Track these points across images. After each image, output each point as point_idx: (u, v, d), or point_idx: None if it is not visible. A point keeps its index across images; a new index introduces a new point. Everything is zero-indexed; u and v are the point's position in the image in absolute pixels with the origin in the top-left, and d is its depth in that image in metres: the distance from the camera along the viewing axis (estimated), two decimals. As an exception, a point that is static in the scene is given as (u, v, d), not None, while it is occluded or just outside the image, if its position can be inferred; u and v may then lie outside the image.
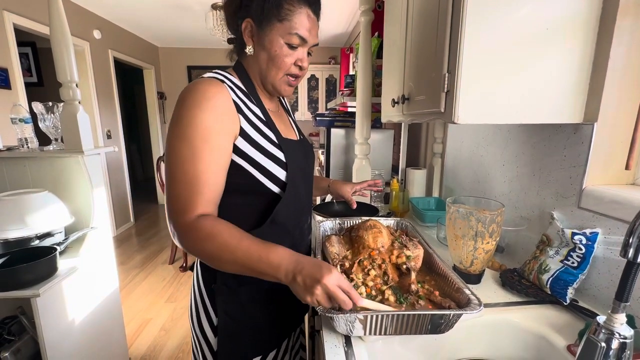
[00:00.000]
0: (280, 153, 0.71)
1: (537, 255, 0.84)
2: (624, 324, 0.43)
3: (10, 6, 2.55)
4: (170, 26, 4.08)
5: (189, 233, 0.61)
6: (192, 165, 0.61)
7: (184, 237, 0.61)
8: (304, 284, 0.56)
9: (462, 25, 0.65)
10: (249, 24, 0.69)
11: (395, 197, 1.46)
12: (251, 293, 0.74)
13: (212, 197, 0.64)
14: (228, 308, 0.74)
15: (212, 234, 0.59)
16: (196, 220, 0.61)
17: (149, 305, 2.50)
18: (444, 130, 1.55)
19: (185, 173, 0.61)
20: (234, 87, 0.68)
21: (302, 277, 0.56)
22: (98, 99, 3.70)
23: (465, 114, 0.69)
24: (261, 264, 0.59)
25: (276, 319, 0.79)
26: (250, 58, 0.72)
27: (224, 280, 0.73)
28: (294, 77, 0.73)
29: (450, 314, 0.58)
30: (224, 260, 0.60)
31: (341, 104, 1.96)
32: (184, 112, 0.62)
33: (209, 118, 0.61)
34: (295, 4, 0.66)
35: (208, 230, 0.60)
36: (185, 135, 0.61)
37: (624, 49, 0.68)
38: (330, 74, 5.02)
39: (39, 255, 1.16)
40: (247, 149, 0.67)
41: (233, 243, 0.59)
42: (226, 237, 0.60)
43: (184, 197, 0.61)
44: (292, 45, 0.68)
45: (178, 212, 0.61)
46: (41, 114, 1.39)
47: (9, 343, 1.26)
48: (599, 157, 0.76)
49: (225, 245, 0.59)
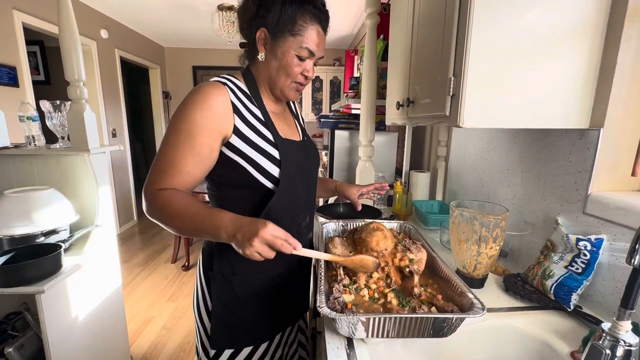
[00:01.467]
0: (275, 151, 0.75)
1: (541, 260, 0.83)
2: (629, 331, 0.43)
3: (20, 5, 2.58)
4: (176, 26, 4.11)
5: (150, 200, 0.68)
6: (172, 153, 0.69)
7: (147, 203, 0.69)
8: (242, 238, 0.61)
9: (469, 29, 0.65)
10: (264, 33, 0.74)
11: (399, 199, 1.45)
12: (244, 284, 0.79)
13: (181, 183, 0.70)
14: (222, 296, 0.79)
15: (168, 202, 0.67)
16: (159, 190, 0.69)
17: (151, 303, 2.51)
18: (448, 133, 1.55)
19: (165, 156, 0.69)
20: (236, 89, 0.75)
21: (242, 234, 0.61)
22: (104, 97, 3.73)
23: (471, 117, 0.69)
24: (205, 225, 0.65)
25: (269, 313, 0.83)
26: (261, 64, 0.78)
27: (220, 268, 0.79)
28: (300, 84, 0.80)
29: (453, 317, 0.58)
30: (174, 225, 0.67)
31: (345, 106, 1.97)
32: (181, 108, 0.70)
33: (199, 116, 0.69)
34: (308, 21, 0.73)
35: (165, 199, 0.67)
36: (175, 127, 0.69)
37: (632, 55, 0.67)
38: (334, 75, 5.03)
39: (44, 252, 1.17)
40: (241, 146, 0.73)
41: (183, 209, 0.66)
42: (179, 204, 0.66)
43: (157, 173, 0.70)
44: (301, 57, 0.75)
45: (148, 182, 0.70)
46: (49, 112, 1.40)
47: (13, 339, 1.27)
48: (604, 162, 0.75)
49: (176, 210, 0.66)
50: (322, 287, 0.67)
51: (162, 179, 0.69)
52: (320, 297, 0.63)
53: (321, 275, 0.71)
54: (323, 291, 0.65)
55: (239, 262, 0.77)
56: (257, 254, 0.61)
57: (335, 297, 0.64)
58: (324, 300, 0.62)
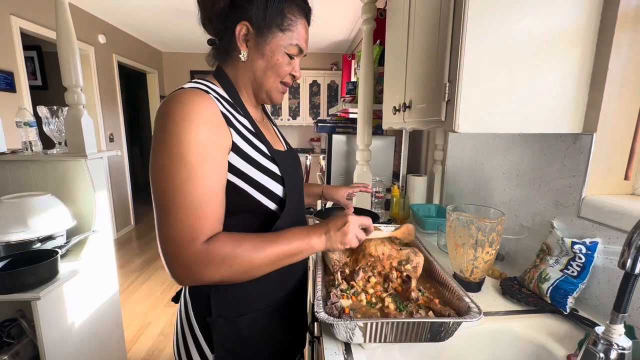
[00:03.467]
0: (274, 166, 0.66)
1: (537, 264, 0.84)
2: (622, 334, 0.43)
3: (18, 11, 2.59)
4: (174, 31, 4.13)
5: (205, 261, 0.54)
6: (193, 187, 0.53)
7: (201, 268, 0.54)
8: (336, 228, 0.65)
9: (463, 36, 0.66)
10: (246, 27, 0.63)
11: (396, 203, 1.46)
12: (249, 321, 0.69)
13: (218, 220, 0.58)
14: (226, 342, 0.67)
15: (233, 249, 0.56)
16: (207, 244, 0.55)
17: (148, 309, 2.50)
18: (445, 137, 1.56)
19: (186, 196, 0.53)
20: (220, 98, 0.62)
21: (334, 227, 0.65)
22: (101, 102, 3.73)
23: (466, 123, 0.69)
24: (292, 244, 0.61)
25: (277, 345, 0.74)
26: (241, 65, 0.67)
27: (220, 311, 0.67)
28: (286, 84, 0.72)
29: (450, 321, 0.58)
30: (256, 264, 0.58)
31: (343, 110, 1.98)
32: (172, 127, 0.53)
33: (203, 132, 0.55)
34: (296, 14, 0.66)
35: (227, 248, 0.55)
36: (180, 153, 0.53)
37: (622, 61, 0.68)
38: (332, 79, 5.05)
39: (40, 258, 1.17)
40: (241, 165, 0.61)
41: (257, 243, 0.58)
42: (248, 242, 0.58)
43: (189, 225, 0.53)
44: (291, 55, 0.67)
45: (184, 243, 0.53)
46: (46, 118, 1.40)
47: (8, 346, 1.25)
48: (598, 167, 0.76)
49: (251, 249, 0.57)
50: (319, 292, 0.67)
51: (199, 226, 0.54)
52: (318, 302, 0.63)
53: (318, 280, 0.71)
54: (320, 296, 0.65)
55: (241, 301, 0.68)
56: (355, 239, 0.66)
57: (333, 302, 0.65)
58: (321, 306, 0.62)
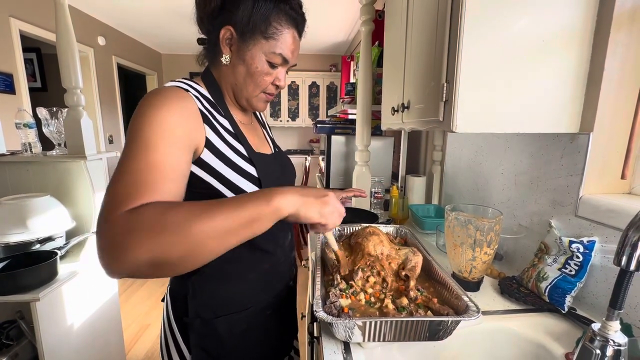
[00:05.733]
0: (251, 168, 0.65)
1: (535, 263, 0.84)
2: (618, 331, 0.44)
3: (17, 13, 2.60)
4: (173, 33, 4.14)
5: (128, 227, 0.40)
6: (144, 155, 0.47)
7: (124, 237, 0.39)
8: (317, 196, 0.53)
9: (460, 36, 0.66)
10: (230, 31, 0.63)
11: (395, 204, 1.46)
12: (229, 323, 0.67)
13: (166, 196, 0.47)
14: (204, 343, 0.66)
15: (163, 213, 0.42)
16: (132, 209, 0.42)
17: (147, 310, 2.49)
18: (444, 138, 1.56)
19: (131, 162, 0.47)
20: (200, 97, 0.62)
21: (314, 193, 0.53)
22: (101, 104, 3.74)
23: (464, 123, 0.70)
24: (248, 207, 0.46)
25: (260, 349, 0.73)
26: (225, 68, 0.67)
27: (197, 311, 0.65)
28: (270, 94, 0.70)
29: (449, 320, 0.59)
30: (196, 235, 0.41)
31: (342, 111, 1.99)
32: (141, 110, 0.52)
33: (170, 116, 0.52)
34: (283, 24, 0.63)
35: (156, 212, 0.42)
36: (142, 129, 0.49)
37: (618, 61, 0.69)
38: (331, 81, 5.07)
39: (39, 260, 1.17)
40: (214, 163, 0.60)
41: (196, 207, 0.44)
42: (183, 207, 0.44)
43: (124, 189, 0.44)
44: (273, 64, 0.65)
45: (111, 208, 0.42)
46: (45, 119, 1.40)
47: (7, 348, 1.25)
48: (595, 166, 0.77)
49: (188, 214, 0.42)
50: (318, 291, 0.67)
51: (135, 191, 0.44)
52: (317, 301, 0.63)
53: (317, 279, 0.72)
54: (320, 296, 0.66)
55: (220, 302, 0.67)
56: (336, 213, 0.56)
57: (332, 301, 0.65)
58: (320, 305, 0.62)
